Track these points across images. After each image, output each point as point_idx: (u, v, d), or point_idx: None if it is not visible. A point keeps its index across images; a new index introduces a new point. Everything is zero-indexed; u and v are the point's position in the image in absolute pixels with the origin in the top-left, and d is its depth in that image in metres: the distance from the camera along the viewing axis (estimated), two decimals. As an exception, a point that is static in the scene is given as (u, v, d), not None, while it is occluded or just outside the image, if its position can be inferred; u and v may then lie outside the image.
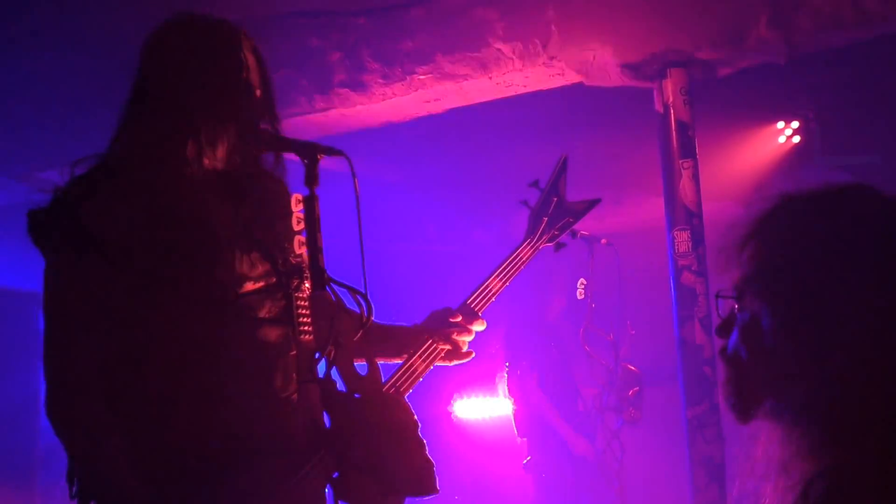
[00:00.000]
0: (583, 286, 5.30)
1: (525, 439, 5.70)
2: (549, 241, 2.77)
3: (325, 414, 2.16)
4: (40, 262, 2.10)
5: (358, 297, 2.17)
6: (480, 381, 6.98)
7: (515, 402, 5.73)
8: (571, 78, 4.87)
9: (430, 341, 2.49)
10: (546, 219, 2.76)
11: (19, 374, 5.72)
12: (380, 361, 2.39)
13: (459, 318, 2.53)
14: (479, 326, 2.57)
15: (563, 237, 2.80)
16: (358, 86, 5.12)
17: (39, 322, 2.09)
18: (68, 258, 2.07)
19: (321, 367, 2.16)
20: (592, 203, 2.83)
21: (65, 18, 5.12)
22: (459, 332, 2.52)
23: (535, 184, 2.82)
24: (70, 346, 2.05)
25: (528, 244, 2.72)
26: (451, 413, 7.34)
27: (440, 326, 2.52)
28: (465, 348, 2.54)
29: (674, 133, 4.51)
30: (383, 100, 5.11)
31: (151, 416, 2.07)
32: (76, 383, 2.03)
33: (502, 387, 5.81)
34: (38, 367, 2.06)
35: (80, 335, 2.05)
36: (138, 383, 2.07)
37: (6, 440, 5.67)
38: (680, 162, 4.48)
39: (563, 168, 2.81)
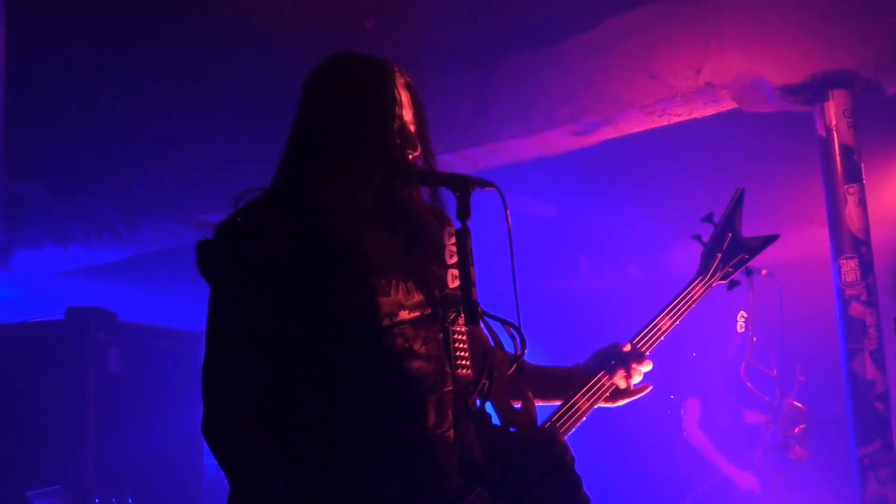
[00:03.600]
0: (743, 319, 5.13)
1: (687, 476, 5.55)
2: (723, 278, 2.63)
3: (479, 449, 2.14)
4: (205, 298, 2.18)
5: (512, 330, 2.15)
6: (641, 415, 6.83)
7: (685, 436, 5.61)
8: (727, 105, 4.75)
9: (595, 380, 2.44)
10: (720, 255, 2.62)
11: (185, 413, 5.90)
12: (540, 403, 2.35)
13: (627, 354, 2.48)
14: (646, 367, 2.50)
15: (738, 275, 2.66)
16: (509, 119, 5.13)
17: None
18: (228, 285, 2.14)
19: (476, 402, 2.15)
20: (769, 239, 2.67)
21: (222, 76, 5.38)
22: (626, 373, 2.47)
23: (709, 218, 2.68)
24: (226, 369, 2.10)
25: (700, 282, 2.59)
26: (611, 446, 7.21)
27: (605, 367, 2.47)
28: (632, 386, 2.48)
29: (837, 158, 4.33)
30: (535, 133, 5.11)
31: (303, 442, 2.10)
32: (232, 405, 2.07)
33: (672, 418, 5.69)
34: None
35: (236, 359, 2.10)
36: (291, 408, 2.11)
37: (172, 478, 5.86)
38: (845, 188, 4.30)
39: (738, 202, 2.67)
